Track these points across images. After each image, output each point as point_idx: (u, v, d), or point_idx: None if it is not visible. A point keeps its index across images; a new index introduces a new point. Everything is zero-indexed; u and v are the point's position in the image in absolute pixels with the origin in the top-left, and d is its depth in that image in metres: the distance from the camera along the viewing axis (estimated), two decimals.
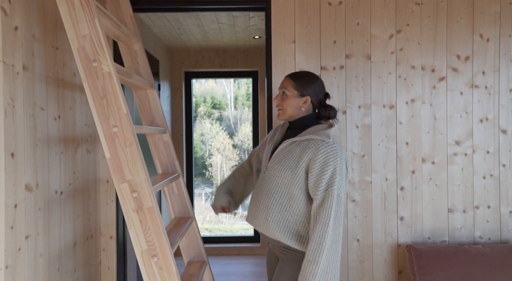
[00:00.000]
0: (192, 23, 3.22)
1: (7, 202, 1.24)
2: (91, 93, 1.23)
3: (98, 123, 1.22)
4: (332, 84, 2.03)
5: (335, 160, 1.30)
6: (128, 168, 1.21)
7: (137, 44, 1.82)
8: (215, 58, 4.26)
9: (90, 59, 1.23)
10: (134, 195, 1.21)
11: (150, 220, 1.20)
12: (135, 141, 1.22)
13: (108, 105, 1.22)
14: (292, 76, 1.44)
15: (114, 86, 1.22)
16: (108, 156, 1.22)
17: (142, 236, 1.21)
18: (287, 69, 2.02)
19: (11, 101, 1.28)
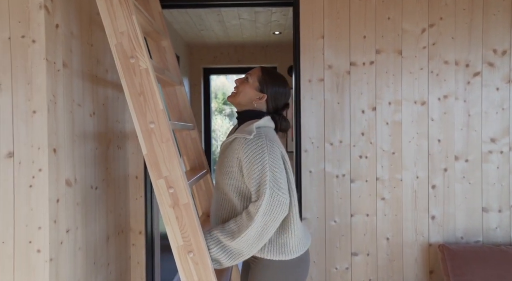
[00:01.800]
0: (213, 19, 3.21)
1: (50, 197, 1.27)
2: (128, 90, 1.23)
3: (135, 119, 1.22)
4: (362, 80, 2.00)
5: (262, 156, 1.20)
6: (164, 164, 1.21)
7: (166, 41, 1.82)
8: (234, 54, 4.25)
9: (128, 56, 1.23)
10: (171, 191, 1.21)
11: (186, 216, 1.21)
12: (171, 137, 1.22)
13: (145, 101, 1.22)
14: (264, 70, 1.37)
15: (151, 83, 1.22)
16: (145, 152, 1.22)
17: (178, 232, 1.21)
18: (316, 65, 2.00)
19: (53, 98, 1.29)
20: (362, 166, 2.00)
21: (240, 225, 1.20)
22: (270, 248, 1.26)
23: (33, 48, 1.25)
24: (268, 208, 1.18)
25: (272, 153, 1.21)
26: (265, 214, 1.18)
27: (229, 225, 1.22)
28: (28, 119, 1.25)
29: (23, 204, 1.25)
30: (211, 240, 1.22)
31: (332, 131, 2.01)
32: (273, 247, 1.26)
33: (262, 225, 1.19)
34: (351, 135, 2.01)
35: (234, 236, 1.19)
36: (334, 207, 2.01)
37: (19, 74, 1.25)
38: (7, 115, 1.25)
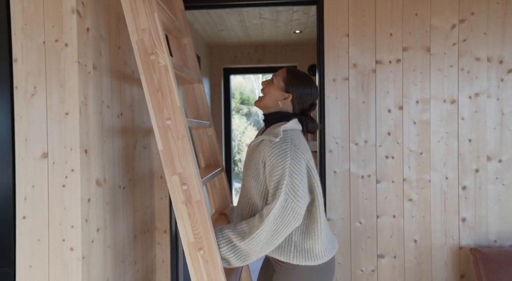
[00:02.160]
0: (234, 19, 3.22)
1: (82, 196, 1.30)
2: (147, 86, 1.24)
3: (152, 115, 1.23)
4: (388, 78, 1.95)
5: (284, 161, 1.17)
6: (179, 161, 1.21)
7: (187, 39, 1.83)
8: (254, 54, 4.25)
9: (148, 52, 1.24)
10: (184, 187, 1.21)
11: (198, 213, 1.21)
12: (187, 134, 1.22)
13: (163, 97, 1.23)
14: (289, 70, 1.36)
15: (170, 80, 1.23)
16: (160, 148, 1.23)
17: (189, 228, 1.21)
18: (340, 64, 1.97)
19: (84, 100, 1.33)
20: (388, 166, 1.96)
21: (252, 226, 1.19)
22: (296, 253, 1.24)
23: (65, 52, 1.28)
24: (280, 213, 1.16)
25: (295, 159, 1.19)
26: (276, 218, 1.16)
27: (241, 225, 1.22)
28: (61, 121, 1.29)
29: (57, 203, 1.29)
30: (222, 239, 1.22)
31: (357, 131, 1.97)
32: (299, 252, 1.24)
33: (272, 228, 1.17)
34: (376, 135, 1.97)
35: (245, 237, 1.18)
36: (360, 208, 1.97)
37: (52, 77, 1.29)
38: (41, 117, 1.29)
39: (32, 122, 1.29)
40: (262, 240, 1.17)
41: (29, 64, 1.29)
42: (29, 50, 1.28)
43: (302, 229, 1.26)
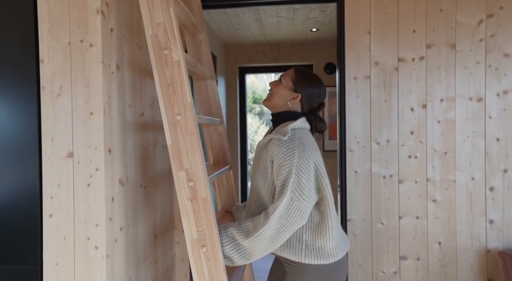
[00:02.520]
0: (251, 17, 3.20)
1: (106, 196, 1.31)
2: (159, 80, 1.24)
3: (163, 110, 1.23)
4: (411, 76, 1.90)
5: (291, 159, 1.17)
6: (186, 157, 1.21)
7: (202, 35, 1.83)
8: (269, 53, 4.23)
9: (162, 47, 1.24)
10: (190, 184, 1.21)
11: (203, 210, 1.20)
12: (196, 131, 1.22)
13: (174, 93, 1.22)
14: (297, 70, 1.35)
15: (182, 75, 1.22)
16: (169, 143, 1.23)
17: (193, 225, 1.21)
18: (361, 62, 1.93)
19: (108, 100, 1.34)
20: (411, 166, 1.91)
21: (256, 224, 1.18)
22: (308, 252, 1.23)
23: (90, 52, 1.29)
24: (286, 211, 1.15)
25: (302, 157, 1.18)
26: (282, 217, 1.15)
27: (246, 223, 1.21)
28: (86, 121, 1.31)
29: (82, 202, 1.31)
30: (226, 237, 1.22)
31: (378, 130, 1.93)
32: (310, 251, 1.23)
33: (277, 227, 1.16)
34: (399, 134, 1.92)
35: (249, 235, 1.18)
36: (381, 208, 1.93)
37: (78, 77, 1.30)
38: (67, 117, 1.31)
39: (58, 122, 1.31)
40: (267, 238, 1.17)
41: (55, 64, 1.30)
42: (55, 50, 1.30)
43: (312, 227, 1.24)
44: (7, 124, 1.33)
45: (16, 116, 1.32)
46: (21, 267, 1.32)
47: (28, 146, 1.32)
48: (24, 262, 1.32)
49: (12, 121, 1.32)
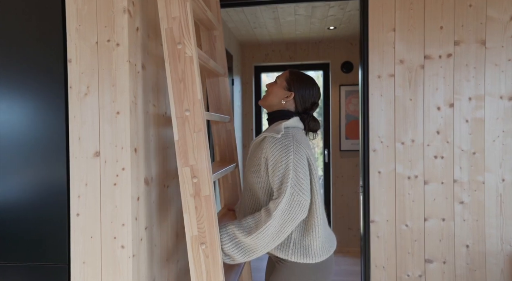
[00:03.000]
0: (268, 16, 3.18)
1: (132, 195, 1.31)
2: (170, 75, 1.24)
3: (172, 105, 1.24)
4: (438, 74, 1.85)
5: (287, 156, 1.20)
6: (193, 153, 1.21)
7: (218, 30, 1.82)
8: (285, 51, 4.20)
9: (176, 41, 1.23)
10: (194, 180, 1.21)
11: (205, 207, 1.20)
12: (203, 128, 1.22)
13: (184, 88, 1.23)
14: (291, 71, 1.40)
15: (193, 71, 1.22)
16: (176, 138, 1.23)
17: (195, 222, 1.21)
18: (386, 60, 1.89)
19: (134, 99, 1.34)
20: (437, 167, 1.86)
21: (258, 221, 1.20)
22: (295, 250, 1.25)
23: (117, 51, 1.30)
24: (287, 207, 1.18)
25: (297, 153, 1.22)
26: (284, 212, 1.18)
27: (246, 220, 1.23)
28: (112, 120, 1.31)
29: (108, 202, 1.31)
30: (226, 235, 1.24)
31: (403, 129, 1.89)
32: (298, 249, 1.25)
33: (280, 223, 1.19)
34: (424, 133, 1.87)
35: (251, 232, 1.20)
36: (406, 210, 1.89)
37: (105, 76, 1.31)
38: (94, 116, 1.32)
39: (85, 121, 1.32)
40: (269, 234, 1.19)
41: (82, 64, 1.31)
42: (83, 50, 1.31)
43: (301, 225, 1.28)
44: (35, 123, 1.34)
45: (43, 115, 1.34)
46: (49, 265, 1.33)
47: (55, 146, 1.33)
48: (52, 259, 1.33)
49: (40, 121, 1.34)
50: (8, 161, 1.33)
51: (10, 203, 1.33)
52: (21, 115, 1.33)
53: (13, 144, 1.34)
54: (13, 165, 1.33)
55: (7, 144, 1.34)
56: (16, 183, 1.33)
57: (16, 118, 1.33)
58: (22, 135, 1.33)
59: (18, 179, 1.33)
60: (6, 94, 1.34)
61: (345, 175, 4.08)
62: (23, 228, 1.34)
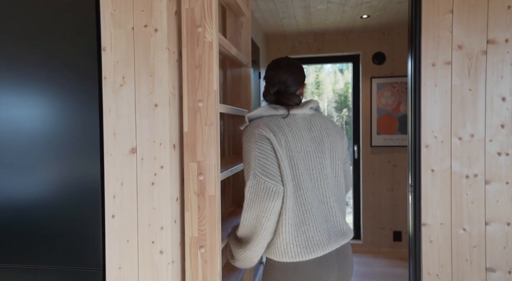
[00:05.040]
0: (299, 5, 3.01)
1: (171, 195, 1.19)
2: (186, 60, 1.16)
3: (185, 92, 1.16)
4: (503, 60, 1.65)
5: (248, 144, 1.19)
6: (201, 148, 1.15)
7: (245, 17, 1.72)
8: (313, 43, 4.02)
9: (196, 24, 1.15)
10: (200, 178, 1.15)
11: (208, 208, 1.14)
12: (216, 122, 1.15)
13: (200, 76, 1.15)
14: None
15: (212, 58, 1.14)
16: (185, 130, 1.17)
17: (196, 222, 1.15)
18: (441, 46, 1.70)
19: (173, 90, 1.22)
20: (501, 164, 1.67)
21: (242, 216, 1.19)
22: (269, 245, 1.20)
23: (155, 38, 1.17)
24: (254, 195, 1.13)
25: (259, 141, 1.16)
26: (252, 200, 1.13)
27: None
28: (149, 113, 1.19)
29: (146, 203, 1.20)
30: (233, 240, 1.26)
31: (461, 123, 1.70)
32: (270, 244, 1.19)
33: (252, 211, 1.13)
34: (486, 127, 1.68)
35: (239, 227, 1.21)
36: (463, 212, 1.70)
37: (141, 65, 1.19)
38: (130, 110, 1.20)
39: (120, 115, 1.21)
40: (249, 226, 1.15)
41: (117, 52, 1.20)
42: (118, 37, 1.19)
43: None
44: (67, 118, 1.24)
45: (76, 109, 1.23)
46: (84, 269, 1.24)
47: (89, 141, 1.23)
48: (87, 264, 1.24)
49: (72, 115, 1.23)
50: (40, 157, 1.24)
51: (41, 202, 1.24)
52: (54, 109, 1.23)
53: (44, 140, 1.24)
54: (45, 162, 1.24)
55: (38, 139, 1.25)
56: (47, 181, 1.24)
57: (48, 112, 1.23)
58: (54, 130, 1.24)
59: (49, 177, 1.24)
60: (37, 87, 1.24)
61: (376, 172, 3.88)
62: (55, 229, 1.24)
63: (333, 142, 1.25)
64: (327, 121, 1.29)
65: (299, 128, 1.20)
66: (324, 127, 1.26)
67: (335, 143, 1.26)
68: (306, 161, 1.18)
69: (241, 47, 1.78)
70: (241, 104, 1.79)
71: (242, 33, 1.78)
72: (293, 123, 1.20)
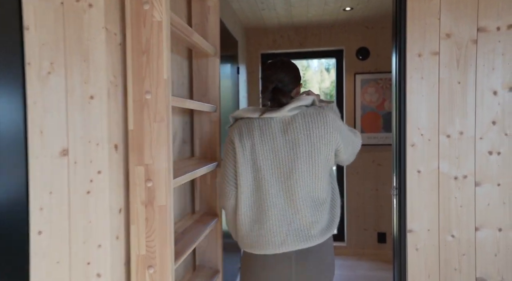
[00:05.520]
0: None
1: (112, 206, 0.99)
2: (131, 43, 0.99)
3: (130, 82, 1.00)
4: (495, 50, 1.50)
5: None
6: (150, 149, 0.99)
7: (213, 1, 1.53)
8: (295, 37, 3.85)
9: (142, 0, 0.97)
10: (148, 184, 0.99)
11: (158, 221, 0.99)
12: (167, 118, 0.99)
13: (147, 63, 0.99)
14: None
15: (161, 42, 0.97)
16: (131, 127, 1.00)
17: (143, 237, 1.00)
18: (428, 35, 1.54)
19: (114, 79, 1.01)
20: (492, 165, 1.52)
21: None
22: None
23: (89, 15, 0.96)
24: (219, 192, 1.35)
25: (225, 144, 1.27)
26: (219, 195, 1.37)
27: None
28: (84, 107, 0.98)
29: (80, 215, 0.99)
30: None
31: (449, 119, 1.55)
32: None
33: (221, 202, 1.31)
34: (476, 124, 1.53)
35: None
36: (452, 217, 1.56)
37: (73, 49, 0.98)
38: (60, 102, 0.99)
39: (48, 108, 0.99)
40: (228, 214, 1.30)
41: (44, 32, 0.98)
42: (44, 14, 0.98)
43: None
44: None
45: None
46: None
47: (10, 141, 1.01)
48: None
49: None
50: None
51: None
52: None
53: None
54: None
55: None
56: None
57: None
58: None
59: None
60: None
61: (360, 171, 3.75)
62: None
63: (317, 143, 1.17)
64: (313, 120, 1.19)
65: (272, 131, 1.19)
66: (304, 128, 1.17)
67: (320, 144, 1.18)
68: (274, 164, 1.17)
69: (208, 35, 1.59)
70: (209, 99, 1.61)
71: (209, 19, 1.59)
72: (267, 126, 1.20)
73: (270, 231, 1.17)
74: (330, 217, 1.21)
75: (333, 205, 1.22)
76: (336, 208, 1.23)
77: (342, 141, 1.20)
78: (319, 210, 1.18)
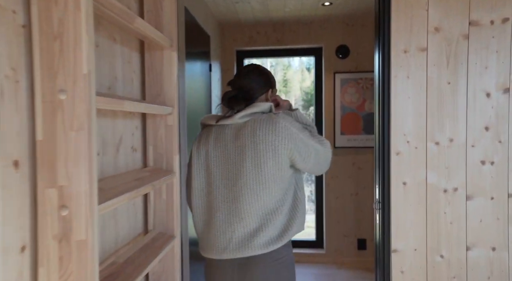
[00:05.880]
0: None
1: (8, 244, 0.73)
2: (38, 25, 0.77)
3: (37, 78, 0.78)
4: (488, 47, 1.33)
5: None
6: (65, 167, 0.78)
7: None
8: (272, 33, 3.64)
9: None
10: (63, 213, 0.77)
11: (76, 261, 0.78)
12: (88, 125, 0.77)
13: (60, 52, 0.77)
14: None
15: (79, 24, 0.76)
16: (39, 137, 0.78)
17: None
18: (415, 29, 1.36)
19: (14, 73, 0.75)
20: (485, 176, 1.36)
21: None
22: None
23: None
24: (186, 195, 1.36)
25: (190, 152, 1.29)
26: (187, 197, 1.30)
27: None
28: None
29: None
30: None
31: (438, 124, 1.37)
32: None
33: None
34: (468, 130, 1.36)
35: None
36: (441, 235, 1.38)
37: None
38: None
39: None
40: None
41: None
42: None
43: None
44: None
45: None
46: None
47: None
48: None
49: None
50: None
51: None
52: None
53: None
54: None
55: None
56: None
57: None
58: None
59: None
60: None
61: (340, 175, 3.59)
62: None
63: (263, 150, 1.14)
64: (261, 127, 1.16)
65: (225, 138, 1.20)
66: (251, 134, 1.15)
67: (266, 151, 1.14)
68: (224, 170, 1.19)
69: (162, 24, 1.37)
70: (164, 99, 1.38)
71: (164, 6, 1.37)
72: (221, 133, 1.21)
73: (214, 236, 1.20)
74: (282, 227, 1.15)
75: (291, 216, 1.16)
76: (294, 218, 1.16)
77: (297, 150, 1.13)
78: (266, 219, 1.15)
